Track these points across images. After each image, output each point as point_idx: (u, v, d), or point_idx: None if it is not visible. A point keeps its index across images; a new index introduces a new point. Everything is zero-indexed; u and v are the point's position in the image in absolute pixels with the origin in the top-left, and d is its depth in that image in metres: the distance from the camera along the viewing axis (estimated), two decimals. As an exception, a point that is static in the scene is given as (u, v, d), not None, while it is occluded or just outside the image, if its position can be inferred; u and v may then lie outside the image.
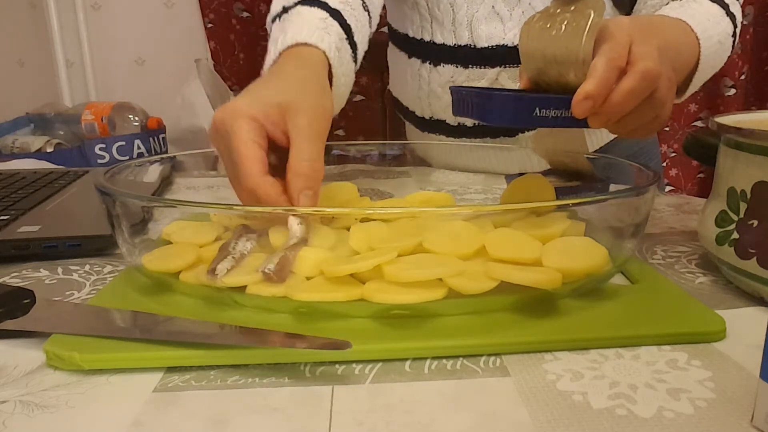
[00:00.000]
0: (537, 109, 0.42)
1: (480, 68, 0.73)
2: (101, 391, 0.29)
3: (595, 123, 0.44)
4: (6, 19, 1.48)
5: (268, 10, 0.57)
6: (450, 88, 0.48)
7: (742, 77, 1.64)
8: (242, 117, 0.40)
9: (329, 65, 0.50)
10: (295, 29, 0.50)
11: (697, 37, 0.58)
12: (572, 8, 0.44)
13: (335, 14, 0.54)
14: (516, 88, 0.48)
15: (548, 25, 0.44)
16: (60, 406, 0.28)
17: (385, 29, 0.85)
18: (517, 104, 0.43)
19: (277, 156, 0.43)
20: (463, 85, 0.74)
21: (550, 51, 0.44)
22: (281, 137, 0.42)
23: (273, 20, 0.56)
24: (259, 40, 1.72)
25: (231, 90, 1.63)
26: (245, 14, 1.70)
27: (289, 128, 0.41)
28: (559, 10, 0.44)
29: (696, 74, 0.60)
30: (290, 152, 0.41)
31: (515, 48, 0.58)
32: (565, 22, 0.43)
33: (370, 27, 0.61)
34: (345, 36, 0.54)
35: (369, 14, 0.61)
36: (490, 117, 0.44)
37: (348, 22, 0.54)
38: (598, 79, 0.42)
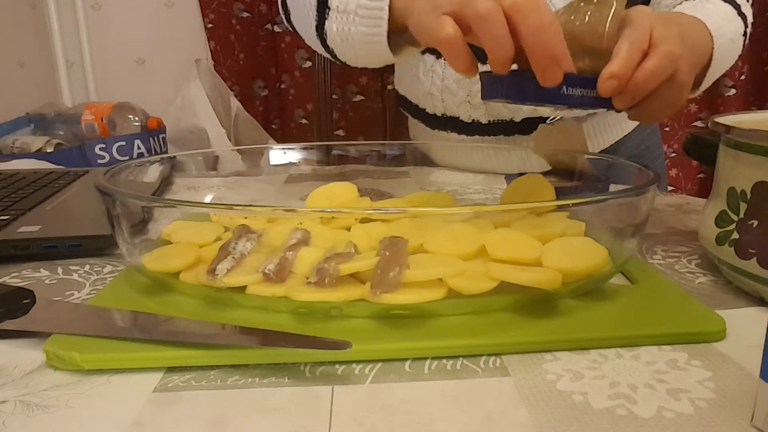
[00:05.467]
0: (565, 87, 0.44)
1: None
2: (101, 391, 0.29)
3: (619, 103, 0.45)
4: (6, 19, 1.48)
5: (268, 10, 0.57)
6: (480, 73, 0.48)
7: (742, 77, 1.65)
8: None
9: None
10: None
11: (710, 34, 0.59)
12: (595, 0, 0.46)
13: None
14: None
15: (572, 17, 0.47)
16: (60, 406, 0.28)
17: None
18: None
19: None
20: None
21: (576, 41, 0.46)
22: None
23: None
24: (259, 40, 1.72)
25: (231, 90, 1.63)
26: (245, 14, 1.70)
27: None
28: (582, 4, 0.47)
29: (709, 70, 0.61)
30: None
31: None
32: (589, 13, 0.46)
33: None
34: None
35: None
36: (521, 95, 0.45)
37: None
38: (622, 59, 0.43)
